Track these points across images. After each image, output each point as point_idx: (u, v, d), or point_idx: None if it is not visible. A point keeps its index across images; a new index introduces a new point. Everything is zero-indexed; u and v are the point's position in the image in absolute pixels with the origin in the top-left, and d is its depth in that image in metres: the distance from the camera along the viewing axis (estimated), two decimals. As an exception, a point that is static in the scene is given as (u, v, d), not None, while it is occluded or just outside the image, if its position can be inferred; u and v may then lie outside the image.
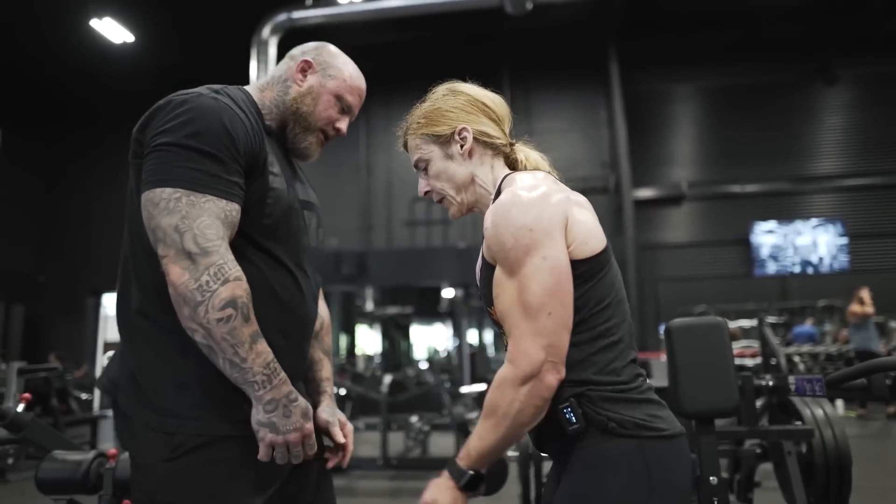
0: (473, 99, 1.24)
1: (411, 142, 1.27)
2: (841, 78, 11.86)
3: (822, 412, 2.40)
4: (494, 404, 1.03)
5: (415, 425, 5.77)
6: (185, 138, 1.09)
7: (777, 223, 11.73)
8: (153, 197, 1.07)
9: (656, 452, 1.03)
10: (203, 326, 1.03)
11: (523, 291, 1.03)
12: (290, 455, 1.11)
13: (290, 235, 1.24)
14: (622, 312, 1.12)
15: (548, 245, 1.03)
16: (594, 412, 1.03)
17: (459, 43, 11.49)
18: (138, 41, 10.94)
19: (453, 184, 1.23)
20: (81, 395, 7.45)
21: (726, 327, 1.92)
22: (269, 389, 1.07)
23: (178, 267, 1.04)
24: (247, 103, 1.26)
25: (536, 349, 1.00)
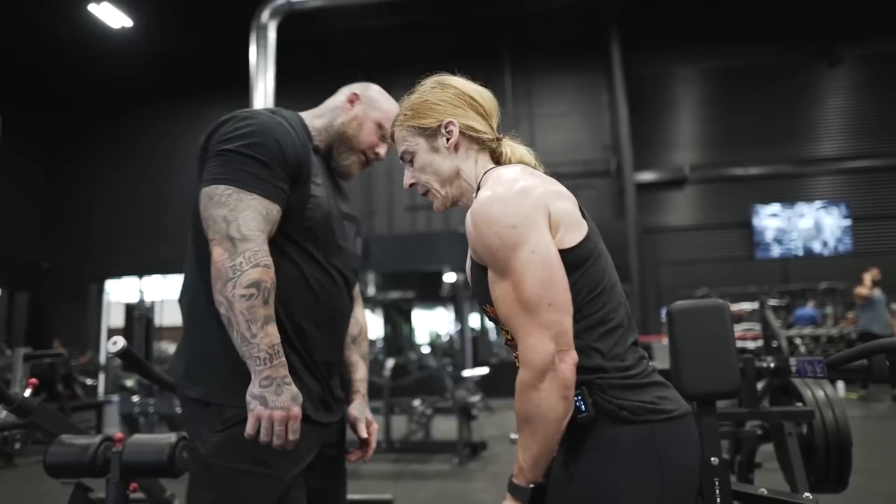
0: (461, 92, 1.23)
1: (398, 133, 1.27)
2: (845, 59, 11.76)
3: (822, 393, 2.40)
4: (524, 412, 1.03)
5: (417, 409, 5.81)
6: (242, 147, 1.28)
7: (780, 206, 11.70)
8: (209, 192, 1.26)
9: (666, 435, 1.04)
10: (227, 300, 1.19)
11: (519, 289, 1.02)
12: (273, 434, 1.19)
13: (327, 238, 1.40)
14: (617, 296, 1.12)
15: (534, 237, 1.03)
16: (605, 401, 1.04)
17: (460, 27, 11.41)
18: (137, 26, 10.87)
19: (438, 177, 1.23)
20: (86, 380, 7.49)
21: (728, 309, 1.93)
22: (268, 367, 1.19)
23: (220, 248, 1.22)
24: (298, 124, 1.44)
25: (545, 343, 1.00)
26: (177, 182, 13.04)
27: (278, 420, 1.19)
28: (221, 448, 1.25)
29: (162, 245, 12.78)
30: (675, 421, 1.06)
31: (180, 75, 12.81)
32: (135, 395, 5.07)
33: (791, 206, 11.70)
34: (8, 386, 2.95)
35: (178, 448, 2.10)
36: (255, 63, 9.72)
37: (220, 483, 1.24)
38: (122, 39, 11.23)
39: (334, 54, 12.32)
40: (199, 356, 1.34)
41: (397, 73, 12.19)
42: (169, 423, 5.00)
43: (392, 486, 4.53)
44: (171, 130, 13.30)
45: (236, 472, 1.23)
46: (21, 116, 12.61)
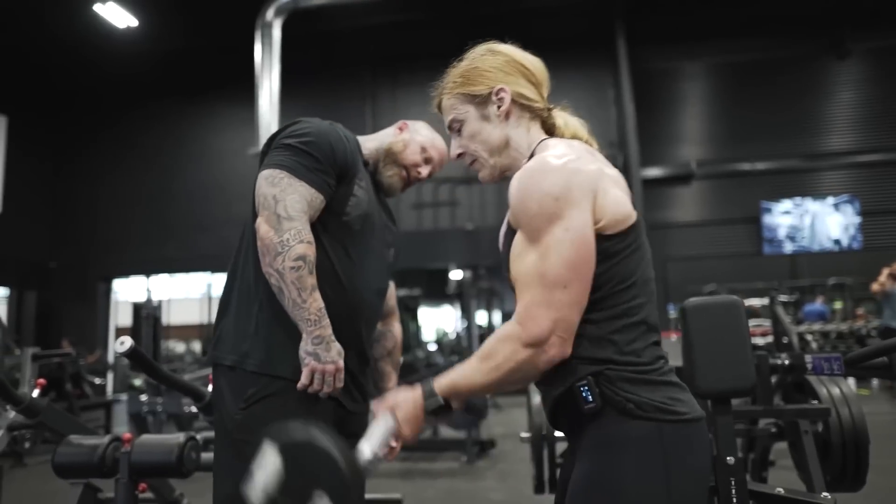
0: (512, 59, 1.20)
1: (446, 101, 1.24)
2: (853, 52, 11.65)
3: (838, 391, 2.37)
4: (492, 352, 1.02)
5: (425, 407, 5.78)
6: (300, 143, 1.46)
7: (790, 202, 11.61)
8: (266, 174, 1.45)
9: (674, 436, 1.00)
10: (278, 272, 1.35)
11: (542, 261, 1.00)
12: (324, 383, 1.39)
13: (362, 236, 1.54)
14: (647, 293, 1.09)
15: (573, 216, 1.00)
16: (612, 392, 1.01)
17: (465, 24, 11.36)
18: (142, 25, 10.88)
19: (487, 146, 1.20)
20: (95, 379, 7.51)
21: (742, 306, 1.89)
22: (318, 328, 1.38)
23: (267, 224, 1.38)
24: (351, 138, 1.60)
25: (546, 319, 0.98)
26: (183, 181, 13.06)
27: (329, 372, 1.38)
28: (244, 424, 1.39)
29: (169, 244, 12.81)
30: (686, 424, 1.02)
31: (185, 74, 12.82)
32: (143, 395, 5.07)
33: (800, 202, 11.61)
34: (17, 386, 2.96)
35: (187, 448, 2.09)
36: (260, 61, 9.71)
37: (243, 455, 1.33)
38: (127, 39, 11.25)
39: (339, 52, 12.30)
40: (236, 328, 1.47)
41: (402, 70, 12.16)
42: (177, 422, 5.00)
43: (400, 484, 4.52)
44: (177, 129, 13.32)
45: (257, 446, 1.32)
46: (28, 116, 12.66)
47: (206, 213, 12.68)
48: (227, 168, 12.68)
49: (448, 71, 1.25)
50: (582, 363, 1.03)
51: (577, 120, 1.25)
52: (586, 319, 1.03)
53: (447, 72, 1.25)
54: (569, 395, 1.04)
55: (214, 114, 13.27)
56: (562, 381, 1.05)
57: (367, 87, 12.44)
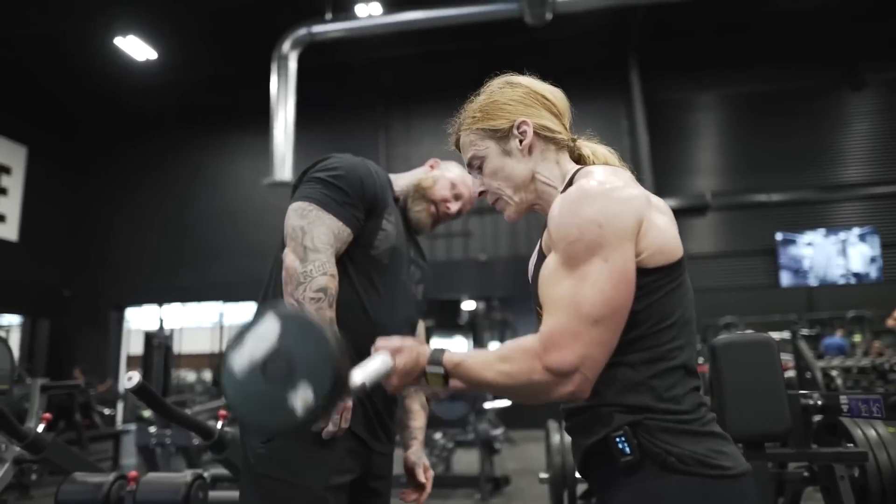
0: (532, 91, 1.16)
1: (465, 138, 1.19)
2: (869, 83, 11.61)
3: (874, 433, 2.27)
4: (512, 357, 0.94)
5: (438, 442, 5.67)
6: (330, 177, 1.48)
7: (811, 233, 11.47)
8: (295, 206, 1.46)
9: (719, 493, 0.92)
10: (298, 302, 1.34)
11: (578, 290, 0.92)
12: (331, 421, 1.36)
13: (390, 270, 1.54)
14: (688, 334, 1.01)
15: (615, 247, 0.93)
16: (651, 444, 0.93)
17: (479, 55, 11.47)
18: (160, 58, 11.08)
19: (511, 182, 1.15)
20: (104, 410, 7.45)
21: (776, 346, 1.81)
22: None
23: (293, 255, 1.39)
24: (382, 174, 1.62)
25: (573, 353, 0.90)
26: (198, 210, 13.15)
27: (337, 409, 1.36)
28: (266, 458, 1.39)
29: (182, 272, 12.84)
30: (732, 480, 0.93)
31: (202, 105, 13.00)
32: (152, 426, 4.99)
33: (817, 233, 11.47)
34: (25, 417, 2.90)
35: (194, 487, 2.02)
36: (275, 93, 9.82)
37: (263, 490, 1.39)
38: (146, 70, 11.46)
39: (354, 84, 12.44)
40: None
41: (417, 101, 12.25)
42: (186, 456, 4.92)
43: (412, 522, 4.37)
44: (193, 158, 13.46)
45: (277, 480, 1.37)
46: (46, 146, 12.86)
47: (219, 242, 12.73)
48: (241, 197, 12.76)
49: (465, 106, 1.21)
50: (617, 411, 0.95)
51: (604, 148, 1.20)
52: (621, 362, 0.96)
53: (464, 107, 1.21)
54: (603, 446, 0.96)
55: (230, 144, 13.42)
56: (595, 430, 0.98)
57: (381, 118, 12.54)
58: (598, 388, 0.95)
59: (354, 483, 1.46)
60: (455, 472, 5.74)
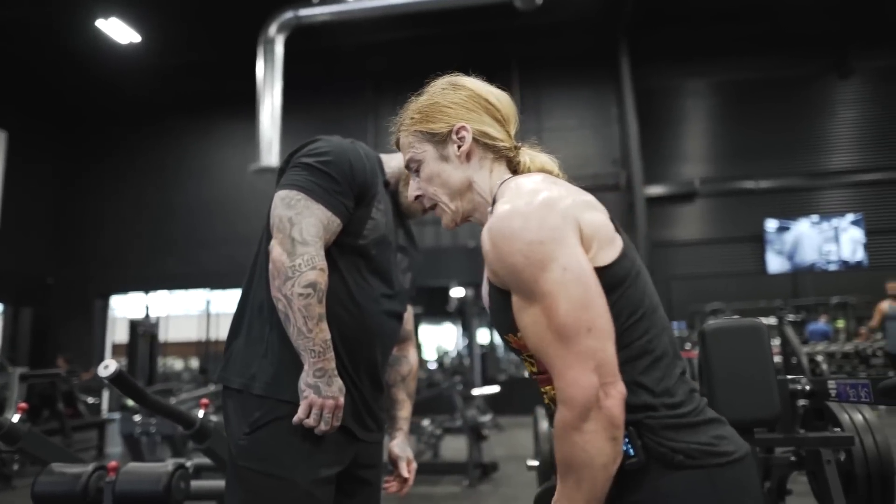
0: (476, 95, 1.10)
1: (403, 139, 1.15)
2: (856, 71, 11.65)
3: (861, 417, 2.26)
4: (567, 458, 0.88)
5: (426, 429, 5.66)
6: (319, 162, 1.41)
7: (798, 220, 11.54)
8: (283, 194, 1.38)
9: (727, 480, 0.90)
10: (286, 297, 1.29)
11: (552, 314, 0.88)
12: (322, 420, 1.31)
13: (379, 259, 1.49)
14: (659, 321, 0.98)
15: (565, 253, 0.89)
16: (656, 444, 0.90)
17: (468, 40, 11.38)
18: (145, 41, 10.89)
19: (447, 189, 1.10)
20: (88, 398, 7.39)
21: (766, 331, 1.80)
22: (321, 360, 1.31)
23: (280, 247, 1.32)
24: (373, 157, 1.55)
25: (586, 376, 0.86)
26: (184, 197, 13.02)
27: (328, 408, 1.31)
28: (248, 450, 1.35)
29: (169, 260, 12.73)
30: (736, 464, 0.92)
31: (188, 90, 12.83)
32: (137, 415, 4.94)
33: (804, 220, 11.54)
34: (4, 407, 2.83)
35: (176, 477, 1.98)
36: (262, 77, 9.70)
37: (246, 483, 1.35)
38: (130, 54, 11.25)
39: (342, 68, 12.31)
40: (246, 350, 1.42)
41: (405, 86, 11.95)
42: (171, 445, 4.87)
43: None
44: (179, 144, 13.30)
45: (259, 473, 1.33)
46: (28, 131, 12.63)
47: (206, 230, 12.61)
48: (228, 184, 12.63)
49: (406, 105, 1.16)
50: None
51: (545, 156, 1.14)
52: None
53: (405, 106, 1.16)
54: None
55: (216, 129, 13.26)
56: None
57: (370, 103, 12.43)
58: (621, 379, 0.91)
59: (342, 473, 1.42)
60: (443, 458, 5.74)
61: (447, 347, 14.53)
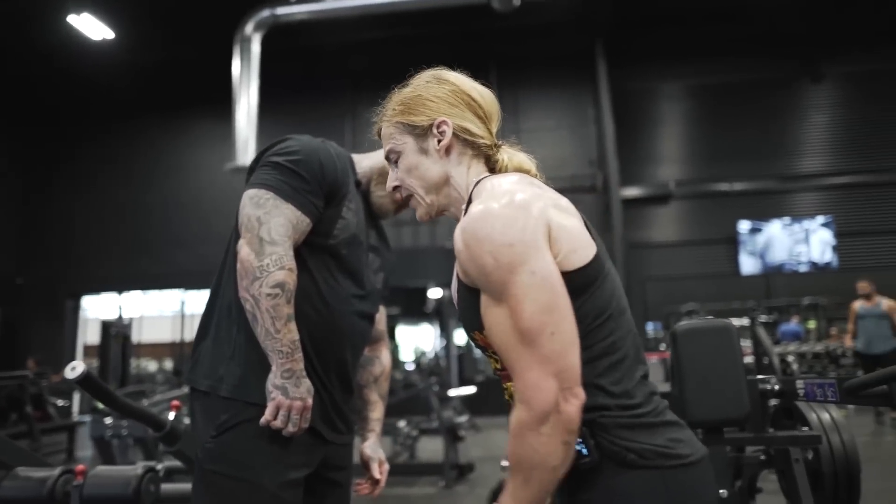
0: (459, 90, 1.11)
1: (385, 129, 1.15)
2: (827, 75, 11.89)
3: (828, 416, 2.30)
4: (518, 456, 0.89)
5: (402, 430, 5.65)
6: (287, 161, 1.40)
7: (770, 222, 11.74)
8: (251, 193, 1.37)
9: (680, 483, 0.91)
10: (254, 297, 1.29)
11: (517, 316, 0.89)
12: (290, 421, 1.29)
13: (350, 260, 1.48)
14: (625, 324, 0.99)
15: (534, 257, 0.89)
16: (609, 442, 0.91)
17: (446, 40, 11.38)
18: (119, 38, 10.71)
19: (424, 182, 1.11)
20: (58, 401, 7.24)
21: (736, 331, 1.82)
22: (290, 361, 1.30)
23: (248, 247, 1.31)
24: (344, 156, 1.54)
25: (547, 380, 0.86)
26: (159, 196, 12.82)
27: (296, 409, 1.30)
28: (214, 453, 1.33)
29: (143, 260, 12.53)
30: (690, 468, 0.92)
31: (163, 87, 12.64)
32: (108, 417, 4.85)
33: (777, 222, 11.74)
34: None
35: (145, 481, 1.95)
36: (238, 76, 9.60)
37: (212, 487, 1.33)
38: (104, 50, 11.06)
39: (320, 68, 12.23)
40: (214, 351, 1.41)
41: (383, 86, 11.96)
42: (143, 447, 4.79)
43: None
44: (154, 142, 13.10)
45: (226, 477, 1.31)
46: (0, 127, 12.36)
47: (181, 229, 12.44)
48: (203, 183, 12.47)
49: (390, 96, 1.16)
50: None
51: (523, 155, 1.14)
52: None
53: (389, 96, 1.17)
54: None
55: (191, 128, 13.09)
56: None
57: (348, 103, 12.37)
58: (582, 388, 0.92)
59: (311, 475, 1.41)
60: (419, 459, 5.74)
61: (424, 348, 14.51)
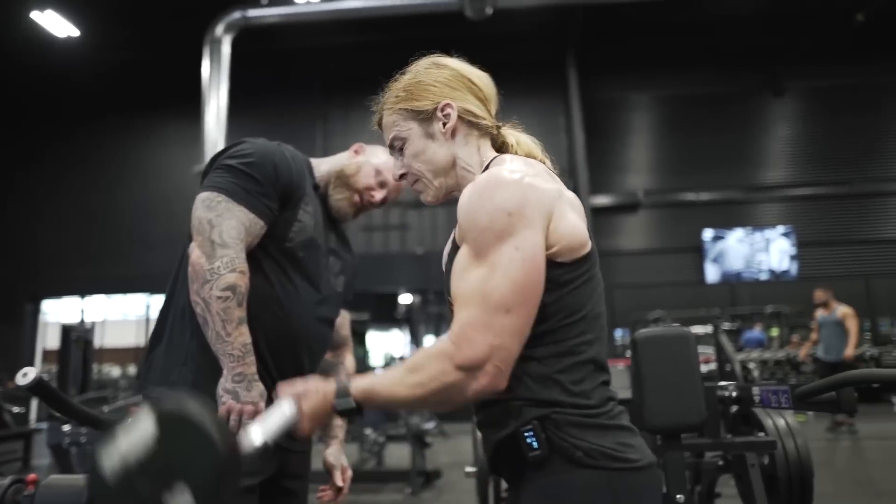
0: (459, 74, 1.14)
1: (387, 118, 1.15)
2: (788, 90, 12.21)
3: (783, 422, 2.36)
4: (421, 366, 0.92)
5: (369, 437, 5.62)
6: (241, 164, 1.40)
7: (736, 231, 11.99)
8: (203, 196, 1.37)
9: (624, 486, 0.93)
10: (204, 300, 1.28)
11: (487, 280, 0.91)
12: (241, 426, 1.27)
13: (307, 263, 1.46)
14: (597, 329, 1.01)
15: (525, 234, 0.92)
16: (559, 438, 0.93)
17: (419, 47, 11.10)
18: (85, 36, 10.50)
19: (432, 166, 1.12)
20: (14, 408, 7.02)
21: (692, 338, 1.86)
22: (241, 364, 1.28)
23: (199, 250, 1.31)
24: (301, 159, 1.55)
25: (484, 343, 0.89)
26: (125, 198, 12.57)
27: (247, 413, 1.28)
28: None
29: (107, 263, 12.26)
30: (637, 472, 0.94)
31: (131, 88, 12.42)
32: (66, 425, 4.72)
33: (740, 232, 12.00)
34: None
35: (101, 489, 1.91)
36: (207, 78, 9.48)
37: None
38: (70, 48, 10.83)
39: (291, 71, 12.15)
40: (167, 357, 1.40)
41: (355, 91, 12.03)
42: (103, 455, 4.67)
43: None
44: (122, 145, 12.84)
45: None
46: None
47: (147, 232, 12.21)
48: (171, 186, 12.26)
49: (389, 85, 1.17)
50: (526, 405, 0.94)
51: (528, 138, 1.18)
52: (530, 356, 0.95)
53: (388, 86, 1.17)
54: (512, 441, 0.95)
55: (159, 129, 12.87)
56: (505, 425, 0.96)
57: (319, 107, 12.31)
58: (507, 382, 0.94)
59: (267, 483, 1.39)
60: (386, 466, 5.71)
61: (394, 354, 14.47)
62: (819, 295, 7.29)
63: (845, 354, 6.90)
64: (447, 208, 1.30)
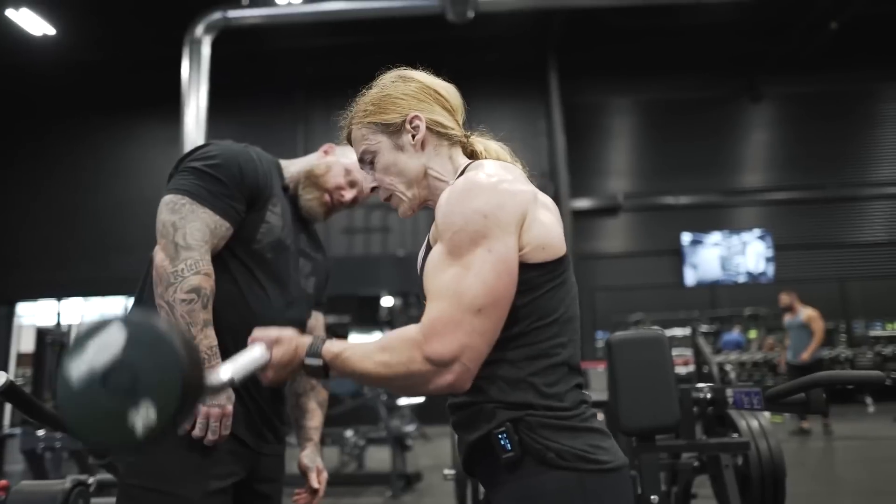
0: (425, 86, 1.16)
1: (356, 132, 1.17)
2: (765, 96, 12.40)
3: (757, 424, 2.41)
4: (392, 348, 0.94)
5: (350, 439, 5.60)
6: (205, 166, 1.39)
7: (710, 235, 12.13)
8: (167, 199, 1.37)
9: (596, 487, 0.94)
10: (168, 303, 1.26)
11: (460, 279, 0.93)
12: (209, 430, 1.27)
13: (276, 265, 1.46)
14: (570, 332, 1.03)
15: (498, 237, 0.94)
16: (532, 440, 0.94)
17: (401, 49, 11.29)
18: (62, 34, 10.33)
19: (404, 178, 1.13)
20: (-13, 412, 6.90)
21: (666, 341, 1.89)
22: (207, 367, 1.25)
23: (163, 253, 1.30)
24: (269, 161, 1.55)
25: (454, 341, 0.91)
26: (103, 200, 12.40)
27: (214, 416, 1.27)
28: (135, 468, 1.31)
29: (83, 265, 12.08)
30: (608, 474, 0.96)
31: (109, 89, 12.27)
32: (41, 430, 4.64)
33: (718, 235, 12.15)
34: None
35: (73, 495, 1.89)
36: (187, 79, 9.39)
37: (133, 501, 1.31)
38: (45, 48, 10.67)
39: (272, 73, 12.09)
40: None
41: (336, 94, 11.96)
42: (78, 461, 4.61)
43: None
44: (100, 146, 12.67)
45: (148, 490, 1.29)
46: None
47: (125, 234, 12.04)
48: (149, 187, 12.06)
49: (357, 99, 1.19)
50: (500, 408, 0.96)
51: (497, 144, 1.20)
52: (502, 358, 0.96)
53: (355, 100, 1.19)
54: (485, 442, 0.96)
55: (138, 131, 12.72)
56: (478, 427, 0.98)
57: (300, 109, 12.26)
58: (480, 384, 0.95)
59: (240, 486, 1.39)
60: (367, 469, 5.70)
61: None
62: (784, 299, 7.35)
63: (801, 356, 6.93)
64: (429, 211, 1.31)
